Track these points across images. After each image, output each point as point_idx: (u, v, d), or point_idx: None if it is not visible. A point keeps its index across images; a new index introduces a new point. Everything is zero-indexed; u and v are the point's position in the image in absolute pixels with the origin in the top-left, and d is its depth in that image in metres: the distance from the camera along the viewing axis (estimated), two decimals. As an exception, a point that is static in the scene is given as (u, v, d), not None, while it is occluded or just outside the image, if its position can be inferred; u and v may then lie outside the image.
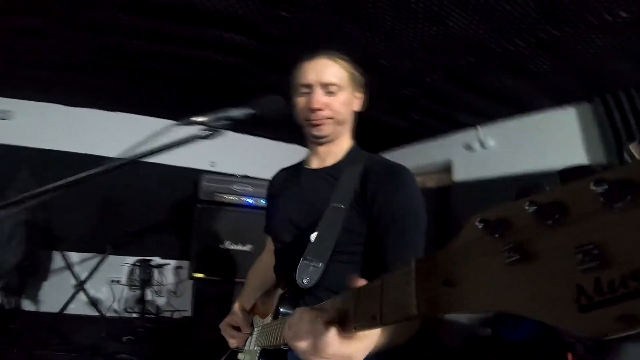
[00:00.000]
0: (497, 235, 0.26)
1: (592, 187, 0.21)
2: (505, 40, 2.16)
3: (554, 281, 0.22)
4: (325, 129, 0.98)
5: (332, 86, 0.96)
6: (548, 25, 1.98)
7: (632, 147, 1.39)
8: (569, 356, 2.20)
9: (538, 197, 0.24)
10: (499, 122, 3.46)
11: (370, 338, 0.52)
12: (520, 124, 3.30)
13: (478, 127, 3.61)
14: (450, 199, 3.82)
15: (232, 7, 2.04)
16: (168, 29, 2.29)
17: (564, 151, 2.93)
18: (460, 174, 3.79)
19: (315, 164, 1.07)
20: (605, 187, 0.20)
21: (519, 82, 2.68)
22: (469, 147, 3.70)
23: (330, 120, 0.97)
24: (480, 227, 0.27)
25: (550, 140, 3.05)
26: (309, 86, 0.97)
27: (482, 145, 3.56)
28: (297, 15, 2.10)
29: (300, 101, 1.00)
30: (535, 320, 0.24)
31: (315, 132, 0.99)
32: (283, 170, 1.25)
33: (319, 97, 0.95)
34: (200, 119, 0.86)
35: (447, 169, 4.03)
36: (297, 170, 1.13)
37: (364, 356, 0.50)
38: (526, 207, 0.24)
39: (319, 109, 0.95)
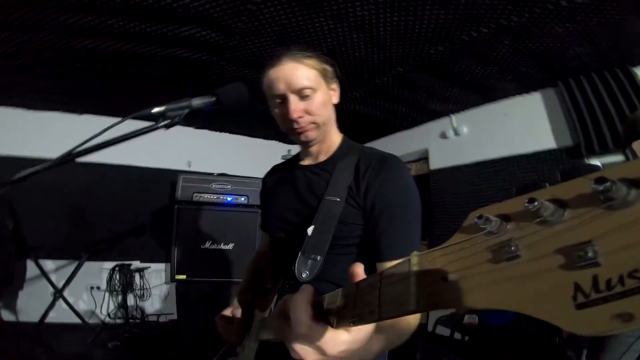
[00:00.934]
0: (496, 232, 0.26)
1: (593, 185, 0.20)
2: (469, 28, 2.21)
3: (552, 278, 0.22)
4: (310, 134, 0.97)
5: (305, 90, 0.92)
6: (507, 12, 2.02)
7: (635, 145, 1.41)
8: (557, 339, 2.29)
9: (537, 194, 0.24)
10: (471, 110, 3.55)
11: (364, 331, 0.49)
12: (490, 111, 3.38)
13: (452, 115, 3.69)
14: (429, 186, 3.90)
15: (199, 2, 2.02)
16: (133, 27, 2.24)
17: (533, 135, 3.02)
18: (437, 162, 3.86)
19: (308, 161, 1.07)
20: (606, 185, 0.20)
21: (487, 69, 2.75)
22: (444, 136, 3.77)
23: (312, 125, 0.95)
24: (479, 223, 0.27)
25: (519, 125, 3.14)
26: (282, 96, 0.93)
27: (456, 132, 3.63)
28: (264, 8, 2.08)
29: (278, 113, 0.97)
30: None
31: (302, 139, 0.98)
32: (276, 167, 1.24)
33: (295, 106, 0.92)
34: (159, 109, 0.83)
35: (424, 157, 4.10)
36: (290, 168, 1.12)
37: (356, 347, 0.47)
38: (525, 204, 0.24)
39: (299, 117, 0.93)
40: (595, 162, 2.69)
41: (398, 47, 2.48)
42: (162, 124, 0.83)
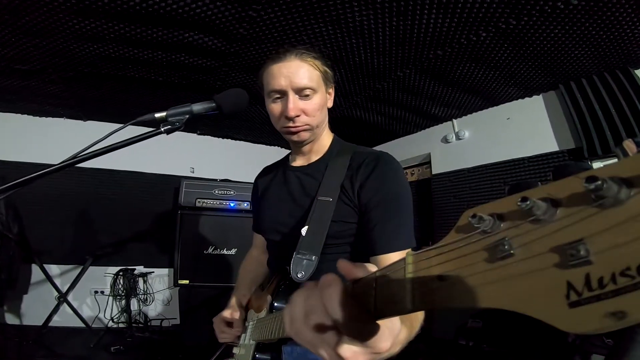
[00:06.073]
0: (489, 231, 0.26)
1: (584, 184, 0.20)
2: (467, 32, 2.22)
3: (545, 277, 0.22)
4: (303, 135, 0.97)
5: (306, 90, 0.92)
6: (506, 15, 2.03)
7: (625, 144, 1.41)
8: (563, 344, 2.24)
9: (530, 193, 0.24)
10: (473, 114, 3.55)
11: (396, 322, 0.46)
12: (492, 115, 3.38)
13: (453, 120, 3.69)
14: (432, 191, 3.89)
15: (200, 9, 2.05)
16: (140, 32, 2.28)
17: (535, 138, 3.01)
18: (439, 166, 3.86)
19: (299, 162, 1.07)
20: (597, 183, 0.20)
21: (487, 73, 2.75)
22: (446, 140, 3.77)
23: (307, 127, 0.96)
24: (473, 222, 0.27)
25: (521, 128, 3.13)
26: (282, 92, 0.92)
27: (458, 137, 3.63)
28: (264, 15, 2.11)
29: (274, 108, 0.96)
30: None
31: (295, 139, 0.98)
32: (267, 168, 1.24)
33: (294, 104, 0.91)
34: (160, 114, 0.85)
35: (427, 162, 4.10)
36: (282, 169, 1.12)
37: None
38: (518, 203, 0.24)
39: (297, 116, 0.92)
40: (598, 165, 2.68)
41: (397, 52, 2.50)
42: (164, 129, 0.85)
